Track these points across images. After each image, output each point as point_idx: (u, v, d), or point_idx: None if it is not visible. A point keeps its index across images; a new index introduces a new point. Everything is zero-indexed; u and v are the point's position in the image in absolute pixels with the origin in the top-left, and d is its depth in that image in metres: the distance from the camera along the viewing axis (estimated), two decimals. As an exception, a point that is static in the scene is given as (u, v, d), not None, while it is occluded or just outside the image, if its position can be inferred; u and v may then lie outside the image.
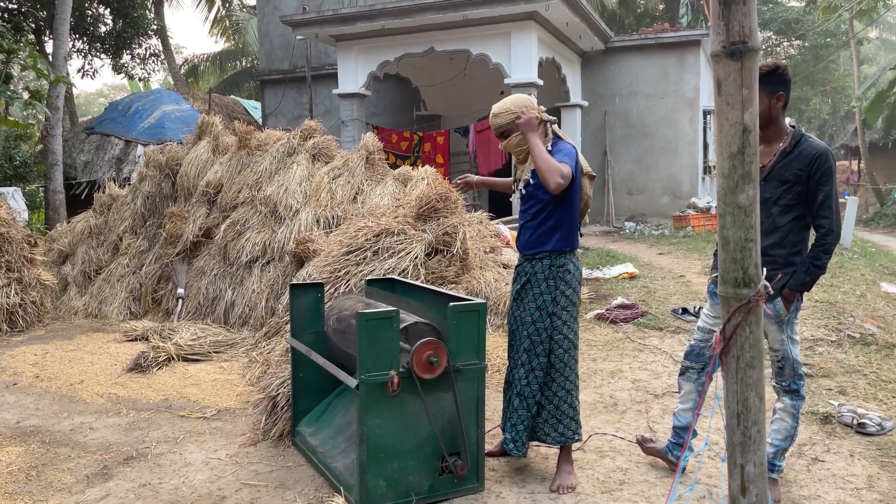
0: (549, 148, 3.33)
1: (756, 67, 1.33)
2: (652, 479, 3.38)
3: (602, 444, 3.83)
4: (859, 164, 24.24)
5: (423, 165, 7.77)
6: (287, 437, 4.00)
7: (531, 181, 3.39)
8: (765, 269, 1.47)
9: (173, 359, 5.72)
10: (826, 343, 5.42)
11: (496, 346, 5.23)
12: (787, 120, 3.30)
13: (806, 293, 3.24)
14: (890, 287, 7.91)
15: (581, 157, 3.44)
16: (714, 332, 3.35)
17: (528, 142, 3.30)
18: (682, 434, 3.45)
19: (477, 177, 3.95)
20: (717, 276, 1.63)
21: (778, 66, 3.13)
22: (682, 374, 3.50)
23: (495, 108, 3.42)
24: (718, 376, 1.49)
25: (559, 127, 3.54)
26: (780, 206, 3.11)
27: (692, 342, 3.44)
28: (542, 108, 3.45)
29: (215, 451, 3.92)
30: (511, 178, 3.81)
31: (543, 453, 3.70)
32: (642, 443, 3.64)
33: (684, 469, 3.44)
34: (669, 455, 3.50)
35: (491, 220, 7.53)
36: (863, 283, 7.74)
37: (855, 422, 3.95)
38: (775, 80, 3.10)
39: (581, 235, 3.55)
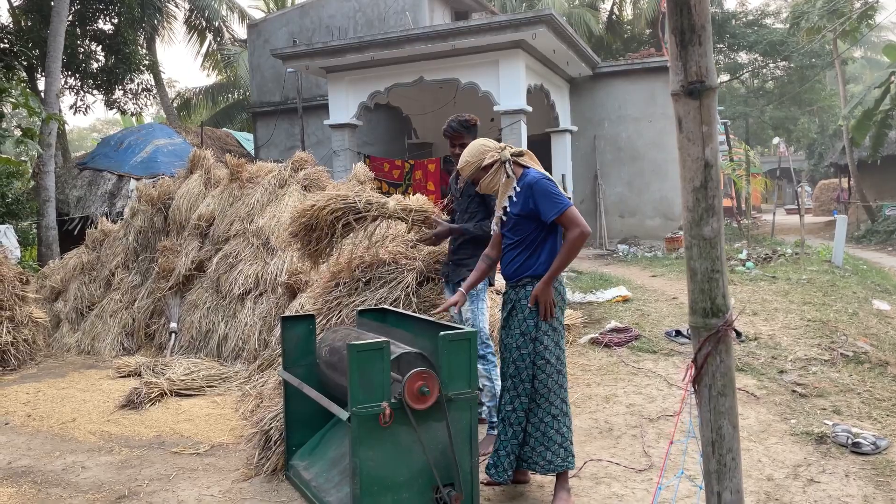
0: (515, 188, 3.45)
1: (714, 105, 1.36)
2: (648, 505, 3.36)
3: (598, 470, 3.81)
4: (849, 182, 24.43)
5: (414, 193, 7.79)
6: (281, 471, 3.97)
7: (509, 209, 3.49)
8: None
9: (166, 394, 5.68)
10: (819, 362, 5.43)
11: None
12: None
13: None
14: (882, 304, 7.94)
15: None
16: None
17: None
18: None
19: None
20: None
21: (476, 121, 4.28)
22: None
23: (459, 164, 3.67)
24: (692, 404, 1.50)
25: (534, 152, 3.64)
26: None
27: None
28: (502, 145, 3.57)
29: (208, 488, 3.88)
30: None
31: (539, 481, 3.68)
32: None
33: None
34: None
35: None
36: (855, 301, 7.77)
37: (850, 441, 3.94)
38: (475, 129, 4.26)
39: None
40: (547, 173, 3.52)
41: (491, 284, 4.49)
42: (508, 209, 3.49)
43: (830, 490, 3.45)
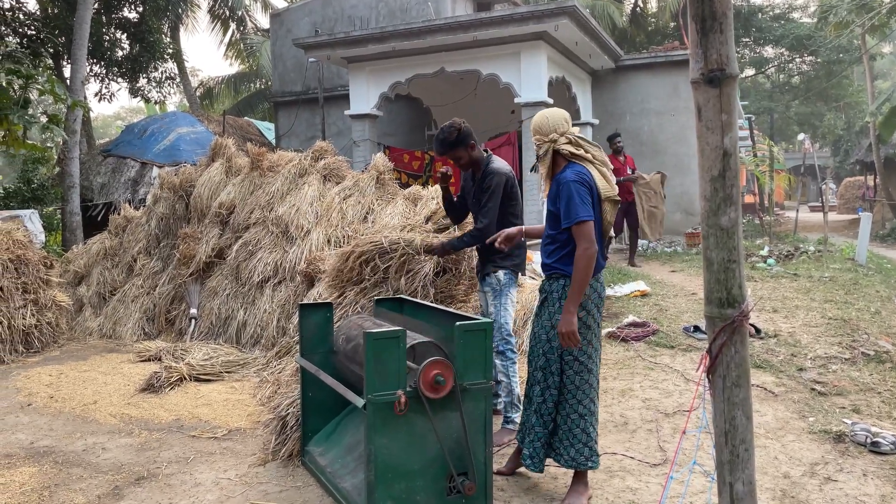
0: (545, 183, 3.44)
1: (734, 94, 1.36)
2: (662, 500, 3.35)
3: (612, 463, 3.81)
4: (875, 179, 24.04)
5: (435, 184, 7.79)
6: (297, 456, 4.01)
7: (546, 203, 3.46)
8: None
9: (185, 379, 5.75)
10: (840, 361, 5.37)
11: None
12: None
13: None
14: (906, 303, 7.82)
15: (600, 181, 3.37)
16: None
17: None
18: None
19: (516, 228, 3.90)
20: None
21: (459, 128, 4.10)
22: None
23: (531, 124, 3.53)
24: (706, 395, 1.50)
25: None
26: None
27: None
28: (556, 135, 3.38)
29: (225, 472, 3.93)
30: None
31: (553, 473, 3.68)
32: None
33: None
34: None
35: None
36: (877, 299, 7.67)
37: (868, 440, 3.90)
38: (462, 138, 4.11)
39: (605, 258, 3.56)
40: (588, 174, 3.33)
41: (522, 273, 4.44)
42: (545, 201, 3.46)
43: (848, 489, 3.42)
